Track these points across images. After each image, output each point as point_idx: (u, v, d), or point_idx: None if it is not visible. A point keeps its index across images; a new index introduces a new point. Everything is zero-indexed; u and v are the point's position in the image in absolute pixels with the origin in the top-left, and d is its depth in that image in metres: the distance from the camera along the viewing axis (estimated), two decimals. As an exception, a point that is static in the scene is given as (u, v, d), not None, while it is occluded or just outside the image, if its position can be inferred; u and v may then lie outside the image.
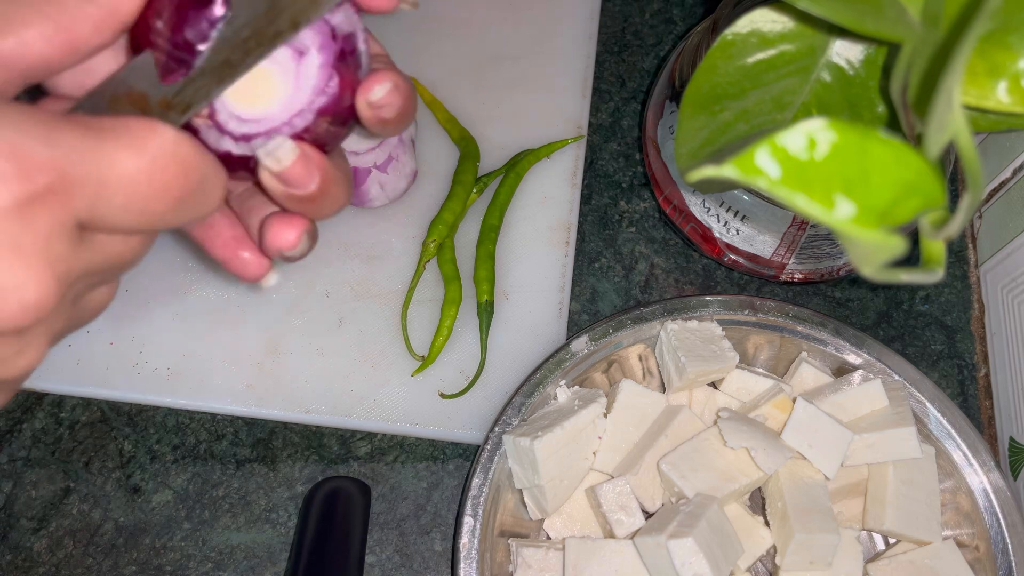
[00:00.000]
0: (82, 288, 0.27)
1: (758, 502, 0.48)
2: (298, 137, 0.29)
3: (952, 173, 0.59)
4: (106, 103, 0.28)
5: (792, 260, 0.52)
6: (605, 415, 0.46)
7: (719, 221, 0.52)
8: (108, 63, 0.30)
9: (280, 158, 0.29)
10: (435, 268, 0.54)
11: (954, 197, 0.59)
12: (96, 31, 0.26)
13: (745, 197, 0.49)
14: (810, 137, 0.24)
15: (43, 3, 0.26)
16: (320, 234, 0.55)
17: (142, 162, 0.24)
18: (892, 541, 0.48)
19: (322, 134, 0.30)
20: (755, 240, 0.51)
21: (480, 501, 0.44)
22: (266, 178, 0.29)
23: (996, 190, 0.55)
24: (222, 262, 0.33)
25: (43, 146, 0.23)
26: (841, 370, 0.49)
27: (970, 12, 0.29)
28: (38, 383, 0.51)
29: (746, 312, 0.49)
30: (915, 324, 0.56)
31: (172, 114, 0.28)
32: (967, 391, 0.54)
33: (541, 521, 0.47)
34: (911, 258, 0.52)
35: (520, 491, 0.46)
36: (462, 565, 0.43)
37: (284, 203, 0.30)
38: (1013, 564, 0.44)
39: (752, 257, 0.53)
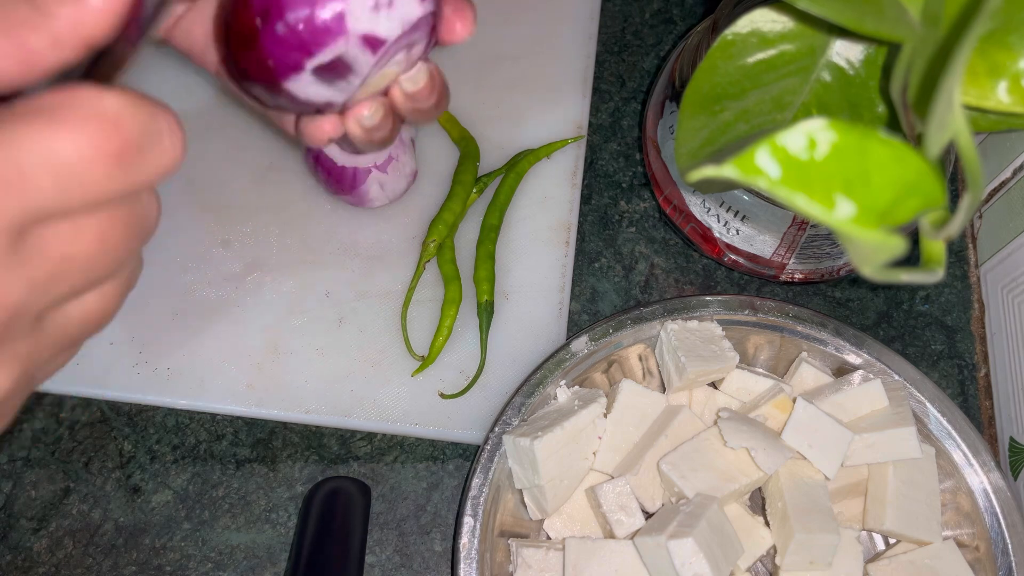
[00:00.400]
0: (41, 301, 0.24)
1: (758, 502, 0.48)
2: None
3: (952, 173, 0.59)
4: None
5: (792, 260, 0.52)
6: (605, 415, 0.46)
7: (719, 221, 0.52)
8: None
9: (417, 80, 0.36)
10: (435, 268, 0.54)
11: (954, 197, 0.59)
12: (54, 47, 0.23)
13: (745, 197, 0.49)
14: (810, 137, 0.24)
15: None
16: (320, 234, 0.55)
17: (62, 136, 0.22)
18: (892, 541, 0.48)
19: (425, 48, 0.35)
20: (755, 240, 0.51)
21: (480, 501, 0.44)
22: (399, 96, 0.36)
23: (996, 190, 0.55)
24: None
25: None
26: (841, 370, 0.49)
27: (970, 12, 0.29)
28: (38, 383, 0.51)
29: (746, 312, 0.49)
30: (915, 324, 0.56)
31: (113, 72, 0.25)
32: (967, 391, 0.54)
33: (541, 521, 0.47)
34: (911, 258, 0.52)
35: (520, 491, 0.46)
36: (462, 565, 0.43)
37: (406, 114, 0.37)
38: (1013, 564, 0.44)
39: (752, 257, 0.53)
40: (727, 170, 0.24)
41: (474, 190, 0.55)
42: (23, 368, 0.24)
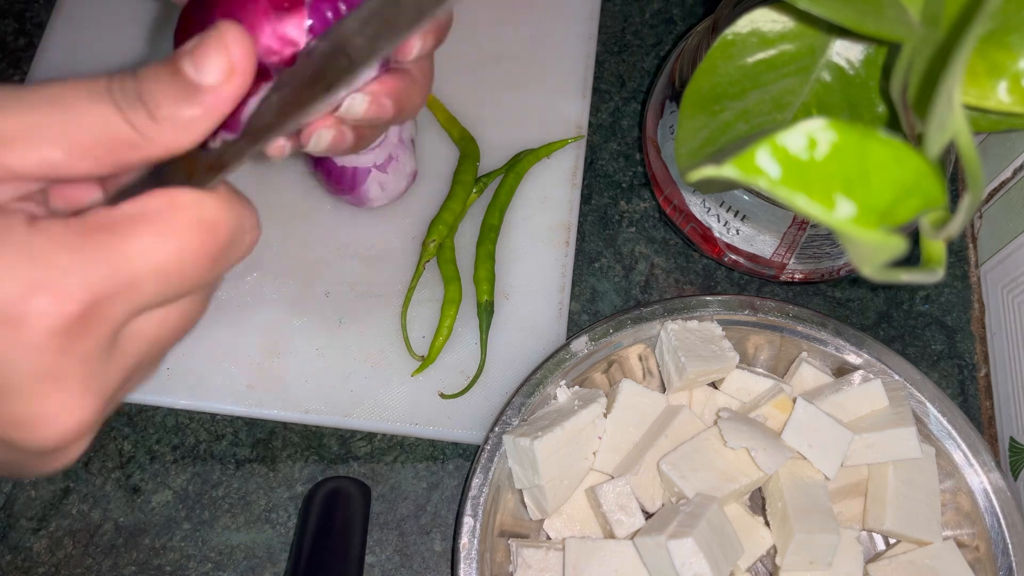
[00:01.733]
0: (126, 380, 0.26)
1: (758, 502, 0.48)
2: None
3: (952, 173, 0.59)
4: (164, 171, 0.27)
5: (792, 260, 0.52)
6: (605, 415, 0.46)
7: (719, 221, 0.52)
8: None
9: (353, 109, 0.33)
10: (435, 268, 0.54)
11: (954, 197, 0.59)
12: (144, 160, 0.25)
13: (745, 197, 0.49)
14: (810, 137, 0.24)
15: (93, 132, 0.24)
16: (320, 234, 0.55)
17: (168, 244, 0.24)
18: (892, 541, 0.48)
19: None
20: (755, 240, 0.51)
21: (480, 501, 0.44)
22: (348, 120, 0.33)
23: (996, 190, 0.55)
24: None
25: (69, 272, 0.23)
26: (841, 370, 0.49)
27: (970, 12, 0.29)
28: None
29: (746, 312, 0.49)
30: (915, 324, 0.56)
31: (213, 175, 0.27)
32: (967, 391, 0.54)
33: (541, 521, 0.47)
34: (911, 258, 0.52)
35: (520, 491, 0.46)
36: (462, 565, 0.43)
37: (365, 130, 0.35)
38: (1013, 564, 0.44)
39: (752, 257, 0.53)
40: (727, 170, 0.24)
41: (474, 190, 0.55)
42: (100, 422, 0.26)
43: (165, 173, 0.27)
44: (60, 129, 0.24)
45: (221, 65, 0.24)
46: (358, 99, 0.35)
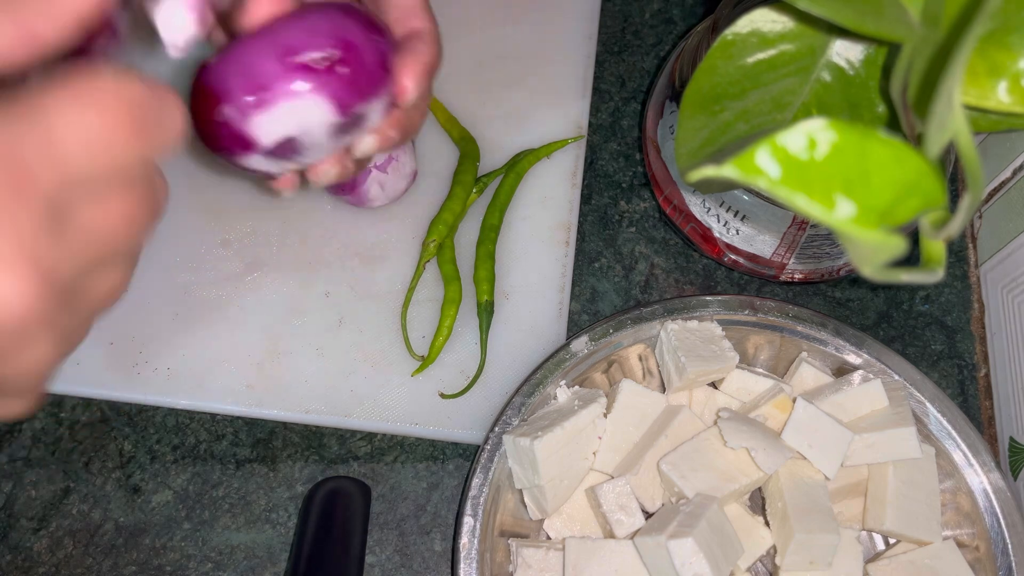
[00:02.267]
0: (78, 276, 0.26)
1: (758, 502, 0.48)
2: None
3: (952, 173, 0.59)
4: None
5: (792, 260, 0.52)
6: (605, 415, 0.46)
7: (719, 221, 0.52)
8: None
9: (364, 149, 0.37)
10: (435, 268, 0.54)
11: (954, 197, 0.59)
12: (51, 23, 0.25)
13: (745, 197, 0.49)
14: (810, 137, 0.24)
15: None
16: (320, 234, 0.55)
17: (89, 112, 0.24)
18: (892, 541, 0.48)
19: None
20: (755, 240, 0.51)
21: (480, 501, 0.44)
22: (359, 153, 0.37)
23: (996, 190, 0.55)
24: None
25: None
26: (841, 370, 0.49)
27: (970, 12, 0.29)
28: (38, 383, 0.51)
29: (746, 312, 0.49)
30: (915, 324, 0.56)
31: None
32: (967, 391, 0.54)
33: (541, 521, 0.47)
34: (911, 258, 0.52)
35: (520, 491, 0.46)
36: (462, 565, 0.43)
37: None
38: (1013, 564, 0.44)
39: (752, 257, 0.53)
40: (727, 170, 0.24)
41: (474, 190, 0.55)
42: (59, 342, 0.26)
43: None
44: None
45: None
46: (367, 140, 0.37)
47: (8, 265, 0.22)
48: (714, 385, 0.49)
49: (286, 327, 0.53)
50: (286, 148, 0.35)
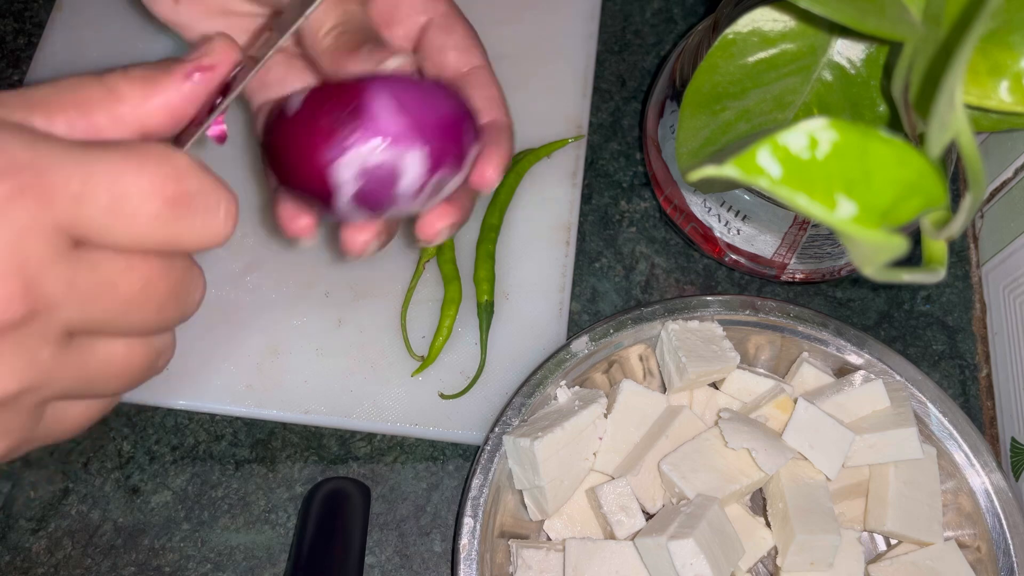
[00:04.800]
0: (79, 317, 0.25)
1: (759, 503, 0.48)
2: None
3: (953, 173, 0.59)
4: None
5: (793, 260, 0.52)
6: (606, 415, 0.46)
7: (720, 221, 0.52)
8: None
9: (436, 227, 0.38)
10: (435, 268, 0.54)
11: (955, 197, 0.59)
12: (114, 125, 0.27)
13: (746, 197, 0.49)
14: (811, 136, 0.24)
15: (69, 93, 0.26)
16: (320, 234, 0.55)
17: (124, 161, 0.24)
18: (893, 542, 0.48)
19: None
20: (756, 240, 0.51)
21: (480, 502, 0.44)
22: None
23: (998, 190, 0.55)
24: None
25: (24, 149, 0.23)
26: (842, 370, 0.49)
27: (972, 11, 0.29)
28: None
29: (747, 312, 0.49)
30: (916, 324, 0.56)
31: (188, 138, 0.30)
32: (968, 391, 0.54)
33: (541, 522, 0.47)
34: (912, 258, 0.52)
35: (520, 492, 0.46)
36: (462, 566, 0.43)
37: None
38: (1015, 565, 0.44)
39: (753, 257, 0.53)
40: (728, 170, 0.24)
41: (474, 190, 0.55)
42: (36, 374, 0.25)
43: None
44: (44, 98, 0.26)
45: (202, 60, 0.28)
46: (440, 211, 0.37)
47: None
48: (715, 385, 0.49)
49: (286, 327, 0.52)
50: (366, 198, 0.35)
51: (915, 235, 0.46)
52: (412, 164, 0.34)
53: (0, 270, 0.22)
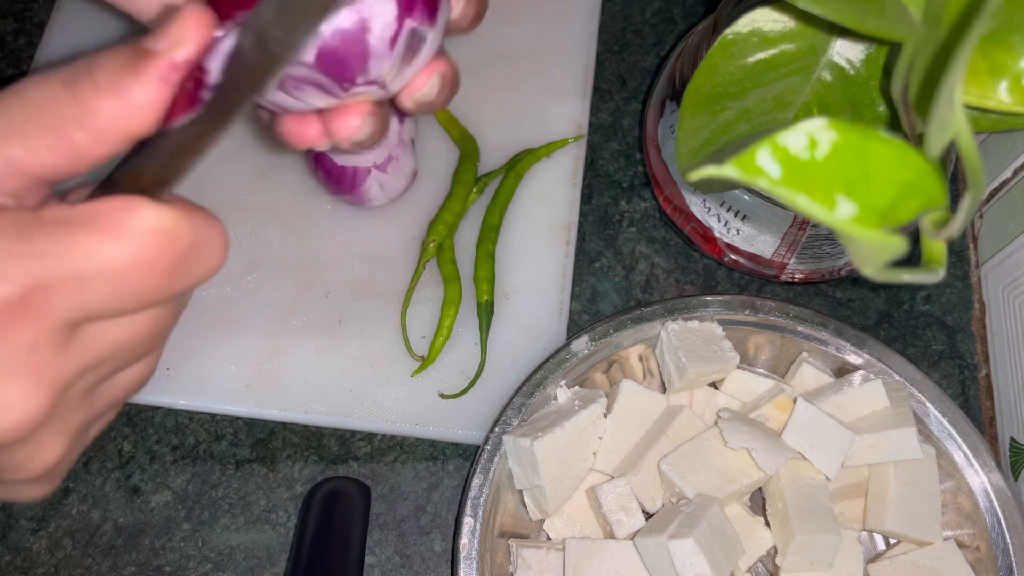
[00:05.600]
0: (92, 380, 0.26)
1: (759, 503, 0.48)
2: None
3: (953, 173, 0.59)
4: (117, 186, 0.27)
5: (793, 260, 0.52)
6: (605, 415, 0.46)
7: (720, 221, 0.52)
8: None
9: (430, 92, 0.36)
10: (435, 268, 0.54)
11: (955, 197, 0.59)
12: (98, 142, 0.25)
13: (746, 197, 0.49)
14: (811, 137, 0.24)
15: (41, 114, 0.24)
16: (320, 234, 0.55)
17: (119, 247, 0.24)
18: (893, 542, 0.48)
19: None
20: (756, 240, 0.51)
21: (480, 502, 0.44)
22: (407, 103, 0.35)
23: (997, 190, 0.55)
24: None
25: (11, 257, 0.23)
26: (842, 370, 0.49)
27: (971, 11, 0.29)
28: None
29: (747, 312, 0.49)
30: (916, 324, 0.56)
31: (162, 189, 0.27)
32: (968, 391, 0.54)
33: (541, 522, 0.47)
34: (912, 258, 0.52)
35: (520, 492, 0.46)
36: (462, 566, 0.43)
37: (411, 113, 0.37)
38: (1014, 564, 0.44)
39: (753, 257, 0.53)
40: (728, 170, 0.24)
41: (474, 190, 0.55)
42: (73, 437, 0.26)
43: (121, 188, 0.27)
44: (16, 124, 0.24)
45: (172, 35, 0.25)
46: (433, 82, 0.37)
47: (11, 379, 0.23)
48: (715, 385, 0.49)
49: (286, 327, 0.52)
50: (334, 60, 0.30)
51: (915, 235, 0.46)
52: (378, 11, 0.29)
53: (20, 382, 0.23)
